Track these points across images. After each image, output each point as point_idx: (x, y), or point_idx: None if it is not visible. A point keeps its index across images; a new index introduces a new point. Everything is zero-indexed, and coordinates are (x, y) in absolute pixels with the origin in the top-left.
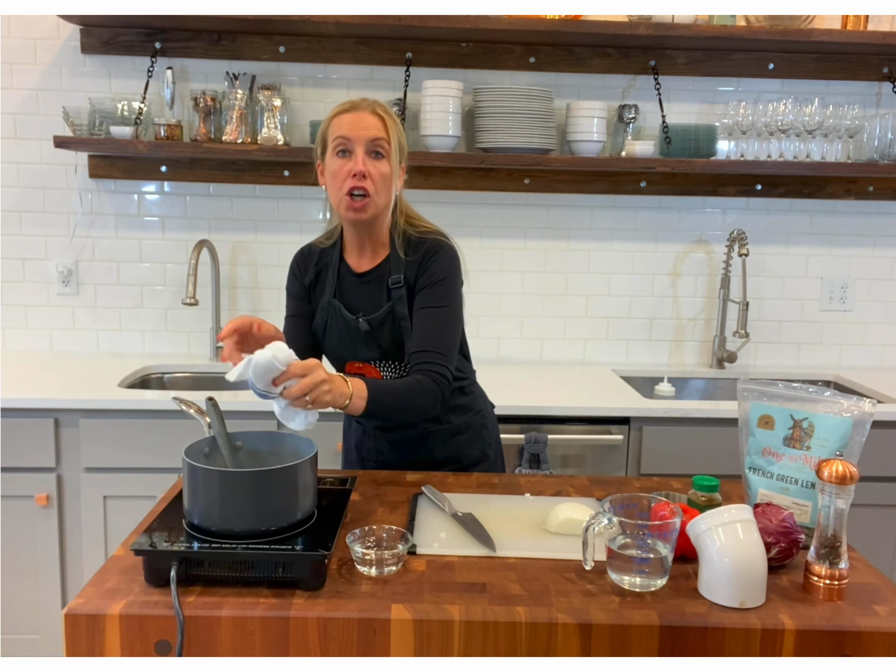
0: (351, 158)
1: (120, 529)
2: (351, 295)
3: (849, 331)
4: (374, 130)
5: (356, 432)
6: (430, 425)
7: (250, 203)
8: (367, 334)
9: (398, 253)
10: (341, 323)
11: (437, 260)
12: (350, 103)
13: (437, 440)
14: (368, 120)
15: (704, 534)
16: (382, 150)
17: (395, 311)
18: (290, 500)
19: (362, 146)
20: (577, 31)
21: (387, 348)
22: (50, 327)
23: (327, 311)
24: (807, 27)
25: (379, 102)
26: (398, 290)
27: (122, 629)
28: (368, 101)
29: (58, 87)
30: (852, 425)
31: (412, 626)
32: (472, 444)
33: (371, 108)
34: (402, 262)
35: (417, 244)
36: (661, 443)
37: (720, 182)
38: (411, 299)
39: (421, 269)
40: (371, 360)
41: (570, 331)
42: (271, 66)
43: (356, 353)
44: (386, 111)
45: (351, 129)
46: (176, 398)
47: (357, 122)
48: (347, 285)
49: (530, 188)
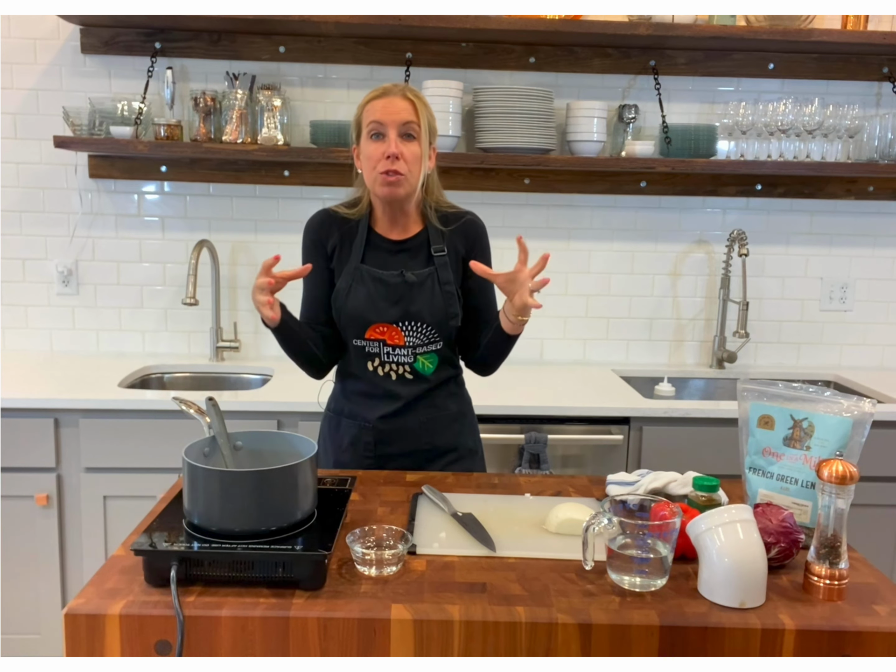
0: (384, 141)
1: (120, 529)
2: (383, 260)
3: (849, 331)
4: (406, 114)
5: (349, 429)
6: (432, 411)
7: (250, 203)
8: (407, 289)
9: (436, 225)
10: (372, 284)
11: (484, 235)
12: (382, 89)
13: (438, 427)
14: (399, 104)
15: (704, 534)
16: (413, 132)
17: (439, 275)
18: (290, 500)
19: (395, 129)
20: (577, 31)
21: (418, 307)
22: (50, 327)
23: (353, 275)
24: (807, 27)
25: (409, 87)
26: (441, 257)
27: (122, 629)
28: (399, 86)
29: (58, 87)
30: (852, 425)
31: (412, 626)
32: (467, 434)
33: (402, 93)
34: (441, 233)
35: (454, 217)
36: (661, 443)
37: (720, 182)
38: (456, 265)
39: (471, 241)
40: (397, 320)
41: (570, 331)
42: (271, 66)
43: (384, 313)
44: (416, 95)
45: (383, 114)
46: (176, 398)
47: (389, 106)
48: (379, 252)
49: (530, 188)
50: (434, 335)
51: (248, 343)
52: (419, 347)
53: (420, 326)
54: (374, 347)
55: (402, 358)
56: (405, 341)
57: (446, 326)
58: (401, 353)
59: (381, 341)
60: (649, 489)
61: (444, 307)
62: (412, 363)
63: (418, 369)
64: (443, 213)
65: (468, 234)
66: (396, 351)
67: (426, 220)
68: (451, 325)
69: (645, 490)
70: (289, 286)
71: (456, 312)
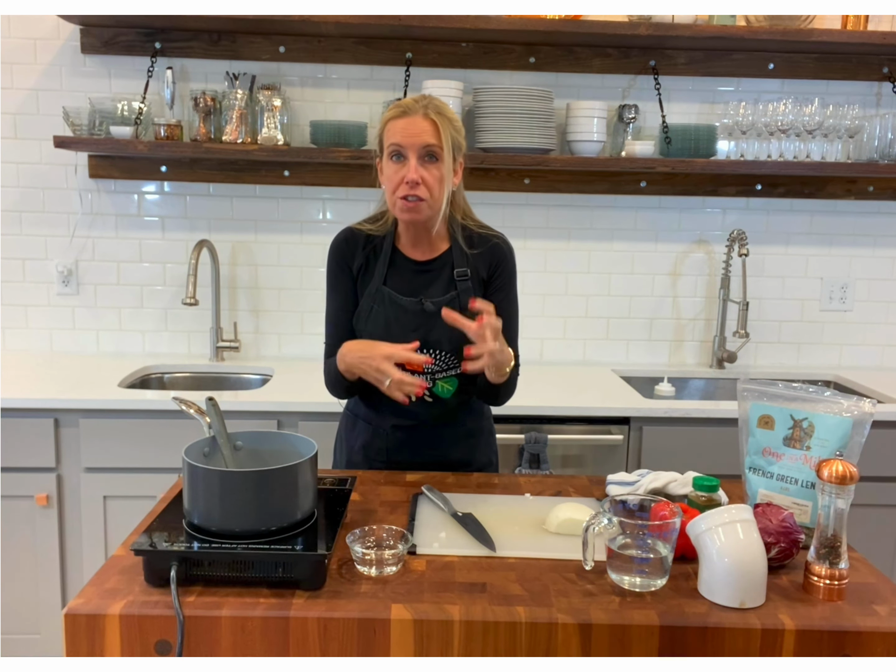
0: (405, 164)
1: (120, 529)
2: (406, 282)
3: (849, 331)
4: (427, 136)
5: (363, 432)
6: (447, 425)
7: (250, 203)
8: (426, 318)
9: (461, 246)
10: (391, 309)
11: (510, 261)
12: (403, 107)
13: (452, 440)
14: (421, 125)
15: (704, 534)
16: (436, 154)
17: (461, 301)
18: (290, 500)
19: (415, 153)
20: (577, 31)
21: (437, 336)
22: (50, 327)
23: (374, 297)
24: (807, 27)
25: (433, 102)
26: (464, 281)
27: (122, 629)
28: (421, 103)
29: (58, 87)
30: (852, 425)
31: (412, 626)
32: (483, 449)
33: (423, 112)
34: (465, 255)
35: (481, 239)
36: (661, 443)
37: (720, 182)
38: (478, 290)
39: (494, 266)
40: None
41: (570, 331)
42: (271, 66)
43: (402, 340)
44: (439, 112)
45: (404, 136)
46: (176, 398)
47: (409, 128)
48: (402, 273)
49: (530, 188)
50: (454, 361)
51: (248, 343)
52: (438, 373)
53: (439, 354)
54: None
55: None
56: (423, 368)
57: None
58: (420, 379)
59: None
60: (649, 489)
61: (464, 334)
62: (431, 388)
63: (437, 393)
64: (470, 232)
65: (493, 259)
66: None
67: (452, 239)
68: None
69: (645, 490)
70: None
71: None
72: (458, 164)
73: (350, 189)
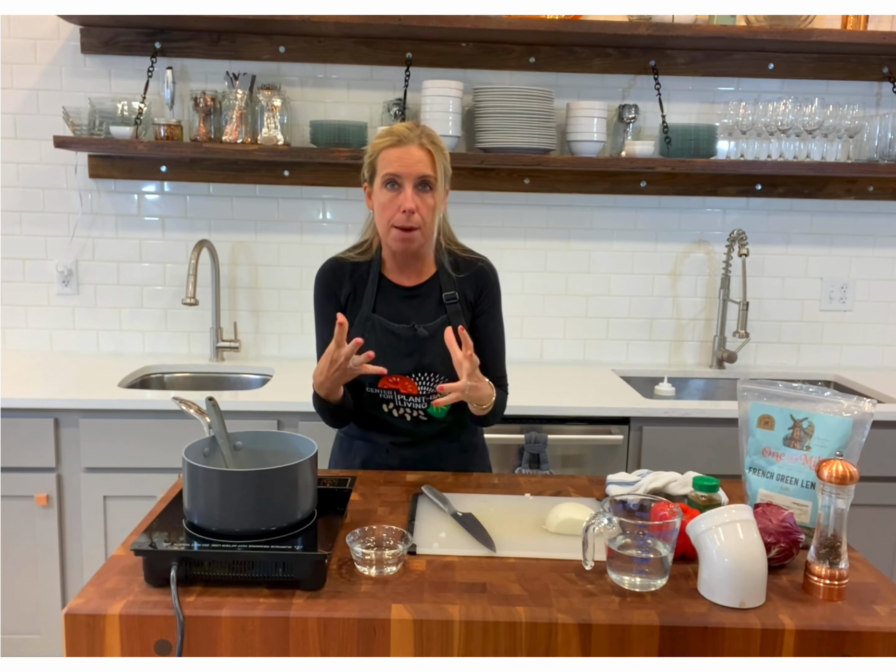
0: (400, 192)
1: (120, 529)
2: (395, 308)
3: (849, 331)
4: (422, 166)
5: (362, 450)
6: (442, 441)
7: (250, 203)
8: (419, 343)
9: (448, 271)
10: (383, 336)
11: (495, 284)
12: (397, 136)
13: (449, 457)
14: (416, 155)
15: (704, 534)
16: (430, 184)
17: (452, 324)
18: (290, 500)
19: (411, 183)
20: (577, 31)
21: (430, 360)
22: (50, 327)
23: (364, 325)
24: (807, 27)
25: (425, 131)
26: (453, 305)
27: (122, 629)
28: (415, 132)
29: (58, 87)
30: (852, 425)
31: (412, 626)
32: (477, 463)
33: (418, 141)
34: (453, 280)
35: (466, 263)
36: (661, 443)
37: (720, 182)
38: (466, 313)
39: (480, 289)
40: (410, 372)
41: (570, 331)
42: (271, 66)
43: (397, 365)
44: (432, 140)
45: (400, 166)
46: (176, 398)
47: (405, 157)
48: (390, 299)
49: (530, 188)
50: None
51: (248, 343)
52: (432, 395)
53: (433, 377)
54: (387, 395)
55: (415, 404)
56: (418, 390)
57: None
58: (415, 401)
59: (394, 390)
60: (649, 489)
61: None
62: (426, 409)
63: (432, 413)
64: (455, 257)
65: (478, 282)
66: (410, 399)
67: (438, 264)
68: None
69: (645, 490)
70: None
71: None
72: (446, 190)
73: (350, 189)
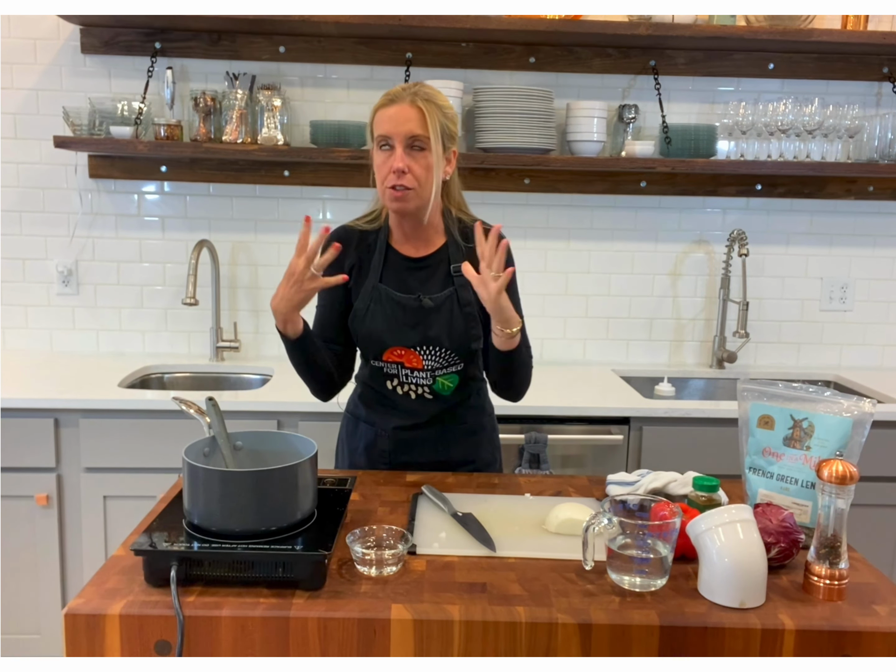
0: (392, 153)
1: (120, 529)
2: (401, 279)
3: (849, 331)
4: (412, 125)
5: (366, 434)
6: (448, 423)
7: (250, 203)
8: (424, 314)
9: (457, 240)
10: (389, 306)
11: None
12: (391, 95)
13: (454, 439)
14: (408, 113)
15: (704, 534)
16: (422, 144)
17: (459, 296)
18: (290, 500)
19: (401, 142)
20: (577, 31)
21: (436, 332)
22: (50, 327)
23: (371, 295)
24: (807, 27)
25: (422, 89)
26: (461, 277)
27: (122, 629)
28: (410, 91)
29: (58, 87)
30: (852, 425)
31: (412, 626)
32: (486, 446)
33: (411, 100)
34: (462, 250)
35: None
36: (661, 443)
37: (720, 182)
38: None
39: None
40: (415, 345)
41: (570, 331)
42: (271, 66)
43: (402, 337)
44: (427, 99)
45: (390, 126)
46: (176, 398)
47: (396, 117)
48: (398, 270)
49: (530, 188)
50: (454, 358)
51: (248, 343)
52: (438, 370)
53: (439, 350)
54: (392, 369)
55: (420, 380)
56: (423, 364)
57: (467, 349)
58: (419, 376)
59: (398, 364)
60: (649, 489)
61: (464, 330)
62: (431, 385)
63: (437, 390)
64: (465, 225)
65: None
66: (415, 373)
67: (448, 233)
68: (472, 347)
69: (645, 490)
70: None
71: (478, 335)
72: (451, 152)
73: (350, 189)
